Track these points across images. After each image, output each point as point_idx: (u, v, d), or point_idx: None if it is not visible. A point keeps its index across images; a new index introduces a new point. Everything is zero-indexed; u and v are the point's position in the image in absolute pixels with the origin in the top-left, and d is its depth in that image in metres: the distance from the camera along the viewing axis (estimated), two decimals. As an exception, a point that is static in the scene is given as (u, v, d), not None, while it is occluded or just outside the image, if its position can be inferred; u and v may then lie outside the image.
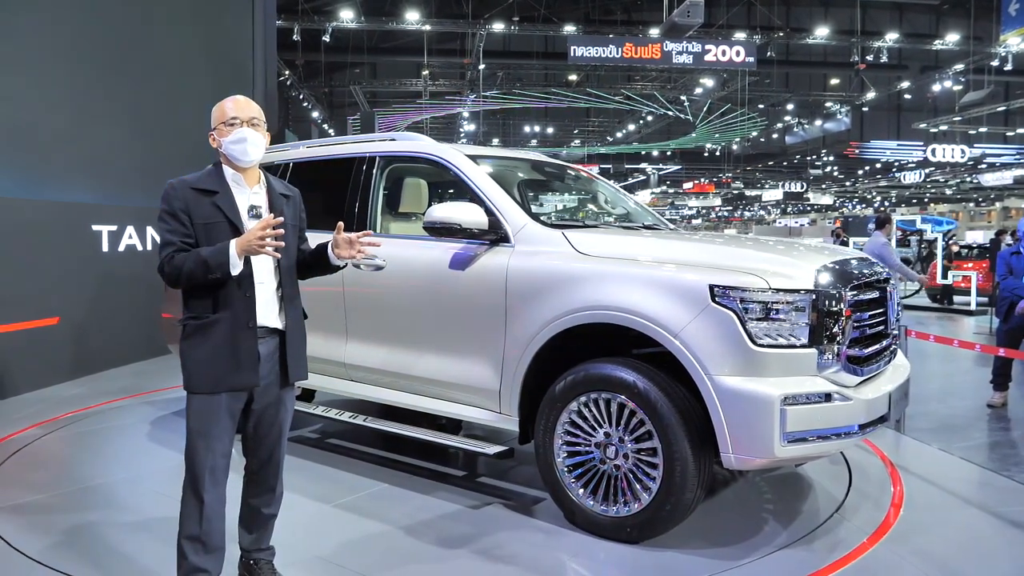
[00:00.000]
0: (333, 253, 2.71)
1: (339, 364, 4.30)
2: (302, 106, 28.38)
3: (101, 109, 7.06)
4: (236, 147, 2.56)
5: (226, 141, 2.57)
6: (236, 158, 2.58)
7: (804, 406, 2.93)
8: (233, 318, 2.50)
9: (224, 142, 2.57)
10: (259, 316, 2.56)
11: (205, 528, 2.54)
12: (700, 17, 9.99)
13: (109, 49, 7.20)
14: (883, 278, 3.58)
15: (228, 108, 2.60)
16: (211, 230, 2.49)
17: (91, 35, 6.98)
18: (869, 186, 45.99)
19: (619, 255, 3.36)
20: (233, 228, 2.51)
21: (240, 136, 2.56)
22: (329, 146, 4.80)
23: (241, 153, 2.57)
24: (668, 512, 3.08)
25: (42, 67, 6.35)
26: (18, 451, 4.62)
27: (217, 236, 2.49)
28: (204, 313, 2.50)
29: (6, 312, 6.00)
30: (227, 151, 2.58)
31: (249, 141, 2.57)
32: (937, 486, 4.08)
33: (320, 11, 22.44)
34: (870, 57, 23.95)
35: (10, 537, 3.28)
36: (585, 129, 38.44)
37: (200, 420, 2.52)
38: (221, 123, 2.59)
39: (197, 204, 2.51)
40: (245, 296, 2.51)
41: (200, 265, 2.42)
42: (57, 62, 6.53)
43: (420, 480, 4.07)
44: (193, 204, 2.51)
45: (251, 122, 2.59)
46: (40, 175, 6.30)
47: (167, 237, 2.48)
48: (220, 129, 2.59)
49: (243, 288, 2.51)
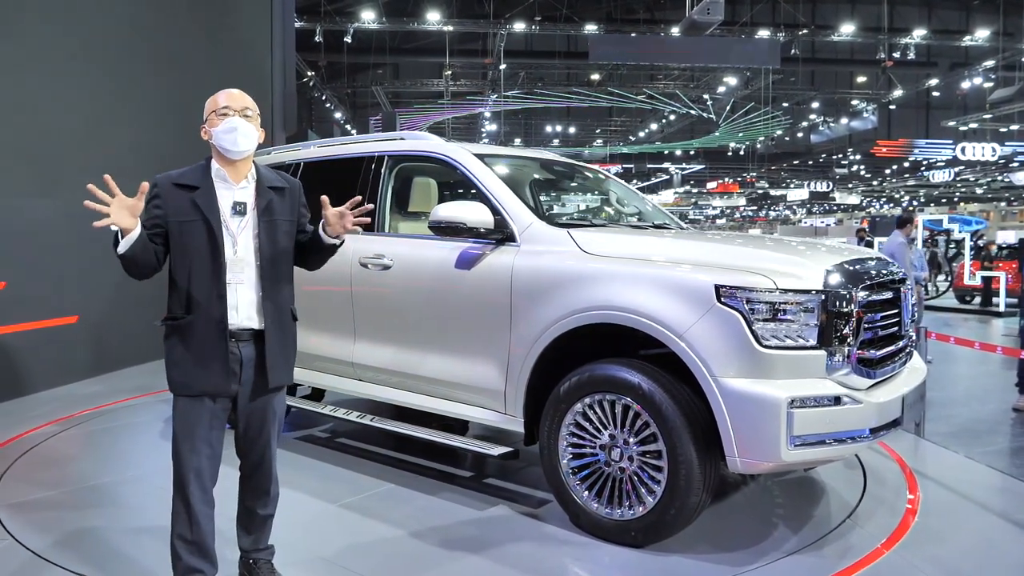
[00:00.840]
0: (325, 232, 2.65)
1: (348, 364, 4.29)
2: (325, 107, 28.54)
3: (119, 110, 7.13)
4: (226, 136, 2.51)
5: (216, 131, 2.52)
6: (226, 148, 2.53)
7: (812, 409, 2.86)
8: (206, 319, 2.46)
9: (214, 132, 2.53)
10: (238, 317, 2.51)
11: (195, 529, 2.53)
12: (720, 15, 9.89)
13: (125, 51, 7.27)
14: (898, 278, 3.49)
15: (220, 98, 2.57)
16: (185, 228, 2.46)
17: (107, 37, 7.05)
18: (897, 185, 45.28)
19: (625, 255, 3.31)
20: (208, 227, 2.47)
21: (231, 125, 2.51)
22: (339, 145, 4.79)
23: (231, 143, 2.51)
24: (673, 516, 3.02)
25: (59, 69, 6.42)
26: (32, 448, 4.67)
27: (192, 234, 2.46)
28: (179, 314, 2.48)
29: (26, 311, 6.08)
30: (217, 141, 2.53)
31: (240, 131, 2.51)
32: (955, 492, 3.98)
33: (342, 12, 22.56)
34: (896, 54, 23.55)
35: (17, 533, 3.31)
36: (607, 129, 38.29)
37: (183, 422, 2.51)
38: (212, 112, 2.55)
39: (176, 200, 2.47)
40: (217, 297, 2.46)
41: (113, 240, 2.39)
42: (73, 63, 6.60)
43: (427, 480, 4.05)
44: (172, 200, 2.47)
45: (243, 112, 2.56)
46: (58, 176, 6.37)
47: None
48: (211, 119, 2.55)
49: (216, 287, 2.46)
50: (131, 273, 2.48)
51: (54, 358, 6.39)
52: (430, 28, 23.16)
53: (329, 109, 28.84)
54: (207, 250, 2.47)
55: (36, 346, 6.18)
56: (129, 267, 2.45)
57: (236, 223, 2.55)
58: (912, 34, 23.52)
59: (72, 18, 6.57)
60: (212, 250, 2.47)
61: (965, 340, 5.12)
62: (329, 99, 28.22)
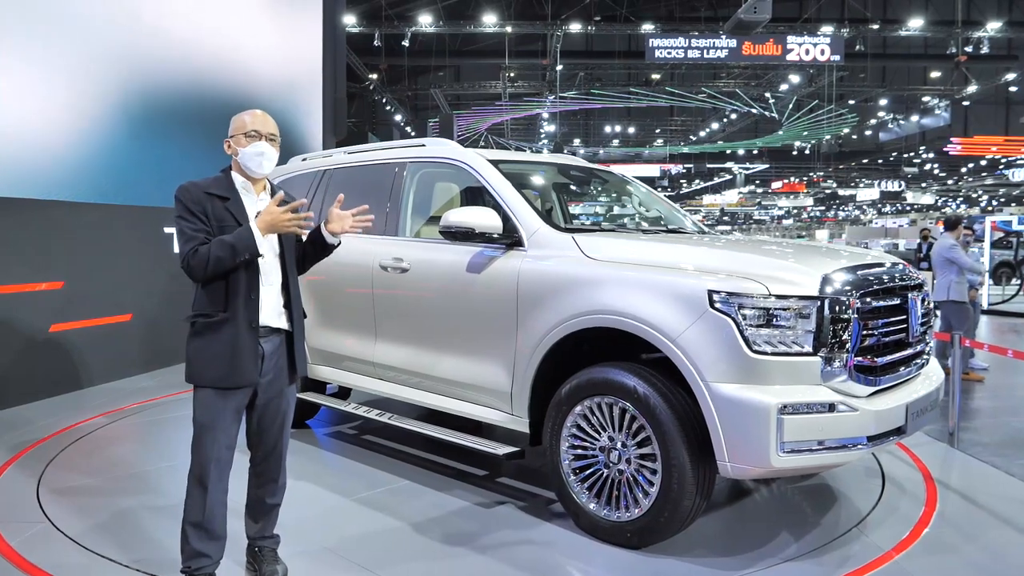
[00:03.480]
0: (326, 228, 2.84)
1: (370, 363, 4.44)
2: (385, 110, 29.09)
3: (172, 115, 7.48)
4: (254, 159, 2.73)
5: (244, 151, 2.73)
6: (251, 169, 2.74)
7: (804, 416, 2.85)
8: (239, 318, 2.64)
9: (242, 152, 2.73)
10: (263, 317, 2.70)
11: (208, 516, 2.70)
12: (768, 13, 9.72)
13: (178, 57, 7.62)
14: (910, 284, 3.43)
15: (248, 121, 2.77)
16: (224, 232, 2.64)
17: (159, 43, 7.40)
18: (974, 184, 43.43)
19: (625, 259, 3.35)
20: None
21: (259, 150, 2.73)
22: (366, 152, 4.95)
23: (257, 166, 2.74)
24: (666, 519, 3.06)
25: (108, 75, 6.78)
26: (82, 437, 4.98)
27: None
28: (213, 312, 2.65)
29: (84, 309, 6.46)
30: (243, 161, 2.74)
31: (266, 156, 2.74)
32: (975, 504, 3.87)
33: (402, 17, 22.96)
34: (969, 48, 22.60)
35: (55, 517, 3.56)
36: (668, 128, 37.86)
37: (206, 414, 2.68)
38: (241, 134, 2.75)
39: (212, 206, 2.67)
40: (251, 298, 2.66)
41: (227, 249, 2.56)
42: (120, 69, 6.95)
43: (442, 478, 4.17)
44: (208, 206, 2.67)
45: (269, 137, 2.76)
46: (115, 180, 6.73)
47: (191, 233, 2.62)
48: (238, 139, 2.75)
49: (250, 289, 2.66)
50: (212, 274, 2.60)
51: (110, 353, 6.76)
52: (487, 30, 23.37)
53: (390, 112, 29.39)
54: None
55: (93, 342, 6.56)
56: (219, 270, 2.60)
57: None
58: (986, 27, 22.52)
59: (118, 28, 6.93)
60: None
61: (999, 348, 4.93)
62: (390, 102, 28.75)
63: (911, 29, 22.99)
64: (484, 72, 29.21)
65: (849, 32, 22.37)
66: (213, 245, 2.57)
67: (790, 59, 17.30)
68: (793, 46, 17.17)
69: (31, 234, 5.93)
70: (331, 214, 2.87)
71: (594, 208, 9.46)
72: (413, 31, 22.58)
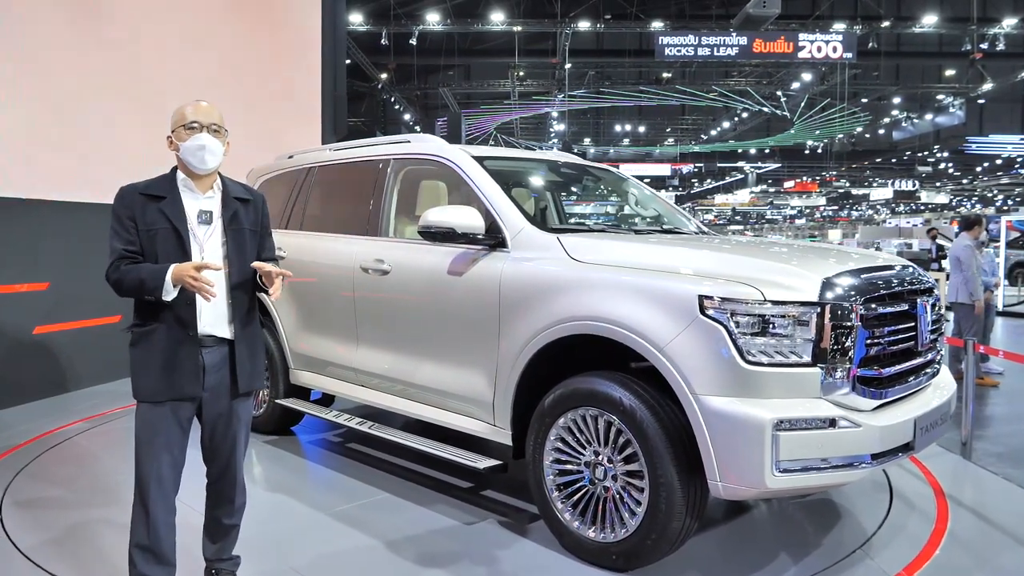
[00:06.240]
0: (262, 282, 2.59)
1: (351, 369, 4.25)
2: (395, 109, 28.94)
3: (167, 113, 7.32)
4: (194, 154, 2.51)
5: (184, 145, 2.51)
6: (193, 165, 2.53)
7: (802, 432, 2.63)
8: (175, 326, 2.46)
9: (182, 147, 2.52)
10: (205, 325, 2.50)
11: (153, 537, 2.50)
12: (777, 8, 9.46)
13: (179, 56, 7.46)
14: (921, 288, 3.20)
15: (188, 112, 2.55)
16: (154, 236, 2.46)
17: (162, 42, 7.25)
18: (989, 183, 42.84)
19: (612, 262, 3.13)
20: (177, 234, 2.47)
21: (200, 143, 2.51)
22: (351, 148, 4.76)
23: (199, 161, 2.52)
24: (654, 541, 2.84)
25: (117, 77, 6.63)
26: (58, 444, 4.81)
27: (160, 242, 2.45)
28: (148, 320, 2.47)
29: (70, 310, 6.31)
30: (184, 156, 2.53)
31: (208, 149, 2.51)
32: (990, 522, 3.63)
33: (411, 15, 22.79)
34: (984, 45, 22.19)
35: (11, 530, 3.39)
36: (678, 127, 37.54)
37: (145, 429, 2.49)
38: (180, 126, 2.54)
39: (143, 210, 2.48)
40: (187, 304, 2.46)
41: (137, 284, 2.40)
42: (128, 71, 6.80)
43: (424, 491, 3.97)
44: (139, 210, 2.48)
45: (211, 128, 2.54)
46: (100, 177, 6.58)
47: (112, 244, 2.47)
48: (178, 132, 2.54)
49: (184, 294, 2.44)
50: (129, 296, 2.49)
51: (99, 356, 6.60)
52: (496, 29, 23.17)
53: (399, 111, 29.25)
54: (175, 258, 2.46)
55: (82, 344, 6.40)
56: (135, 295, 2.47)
57: (203, 231, 2.55)
58: (1002, 23, 22.11)
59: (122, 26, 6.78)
60: (180, 258, 2.46)
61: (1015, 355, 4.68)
62: (399, 101, 28.61)
63: (925, 26, 22.61)
64: (493, 71, 29.00)
65: (862, 29, 22.01)
66: (129, 274, 2.40)
67: (802, 57, 16.97)
68: (805, 44, 16.83)
69: (14, 234, 5.78)
70: (263, 272, 2.52)
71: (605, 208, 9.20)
72: (422, 30, 22.42)
